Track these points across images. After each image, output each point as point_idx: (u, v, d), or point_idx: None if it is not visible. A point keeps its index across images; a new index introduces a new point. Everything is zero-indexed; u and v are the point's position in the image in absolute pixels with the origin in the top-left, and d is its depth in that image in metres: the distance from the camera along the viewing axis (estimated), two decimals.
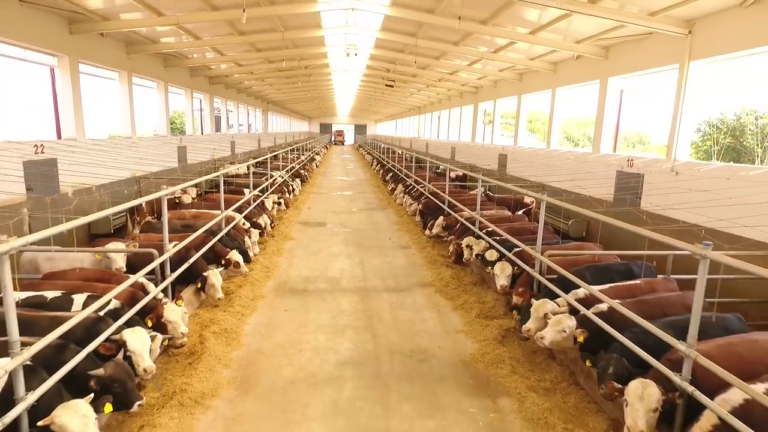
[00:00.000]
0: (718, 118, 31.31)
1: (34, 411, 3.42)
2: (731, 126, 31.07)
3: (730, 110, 31.35)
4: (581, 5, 9.38)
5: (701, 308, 3.84)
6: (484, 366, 5.76)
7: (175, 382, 5.05)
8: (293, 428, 4.46)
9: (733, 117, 30.90)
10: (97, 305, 4.37)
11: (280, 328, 6.75)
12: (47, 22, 11.11)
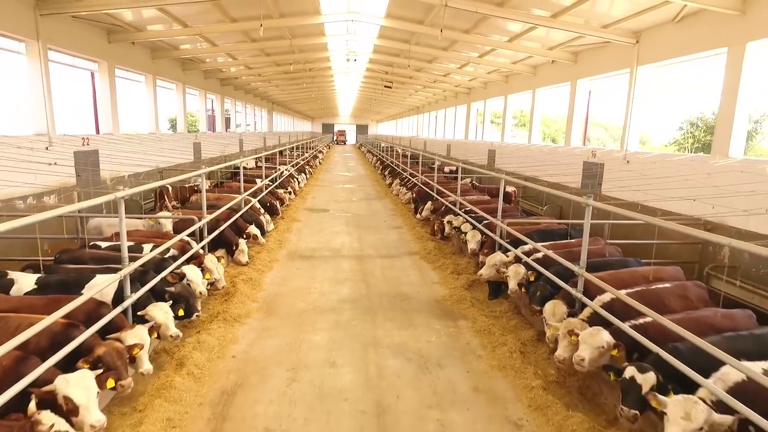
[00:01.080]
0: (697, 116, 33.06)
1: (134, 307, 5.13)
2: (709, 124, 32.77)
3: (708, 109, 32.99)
4: (543, 19, 11.03)
5: (587, 242, 5.54)
6: (450, 303, 7.44)
7: (217, 308, 6.74)
8: (306, 335, 6.14)
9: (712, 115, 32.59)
10: (162, 249, 6.09)
11: (293, 279, 8.45)
12: (91, 33, 12.83)
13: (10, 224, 3.21)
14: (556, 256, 6.06)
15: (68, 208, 4.33)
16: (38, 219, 3.59)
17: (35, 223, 3.53)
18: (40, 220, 3.59)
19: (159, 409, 4.22)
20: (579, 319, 5.04)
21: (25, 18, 9.89)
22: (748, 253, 6.68)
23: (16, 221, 3.31)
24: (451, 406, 4.59)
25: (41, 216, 3.64)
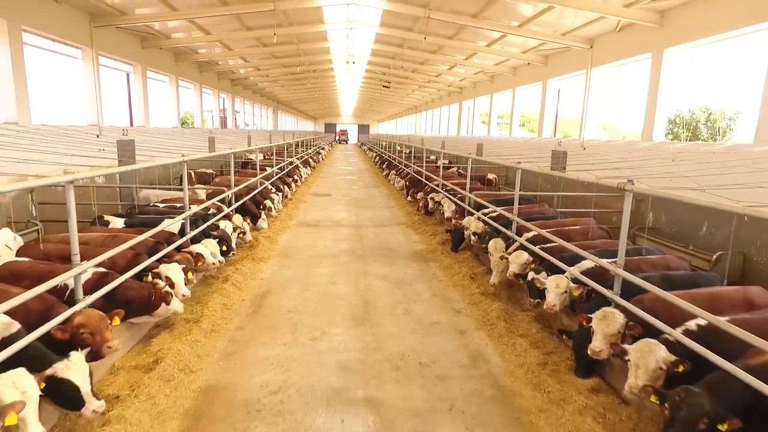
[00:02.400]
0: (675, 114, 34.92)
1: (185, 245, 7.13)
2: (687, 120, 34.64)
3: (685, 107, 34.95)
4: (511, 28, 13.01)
5: (518, 199, 7.52)
6: (425, 253, 9.42)
7: (246, 253, 8.73)
8: (314, 269, 8.12)
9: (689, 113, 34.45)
10: (202, 206, 8.11)
11: (302, 239, 10.45)
12: (129, 40, 14.90)
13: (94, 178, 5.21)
14: (501, 210, 8.05)
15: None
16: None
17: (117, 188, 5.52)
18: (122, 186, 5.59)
19: (216, 300, 6.20)
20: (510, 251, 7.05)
21: (83, 29, 11.92)
22: (665, 216, 8.67)
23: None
24: (414, 302, 6.57)
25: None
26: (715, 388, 3.21)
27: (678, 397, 3.13)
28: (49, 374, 3.26)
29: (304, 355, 4.90)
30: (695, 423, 2.99)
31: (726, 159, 10.51)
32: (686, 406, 3.07)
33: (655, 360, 3.62)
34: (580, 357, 4.55)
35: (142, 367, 4.45)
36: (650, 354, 3.66)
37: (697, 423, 2.99)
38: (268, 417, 3.82)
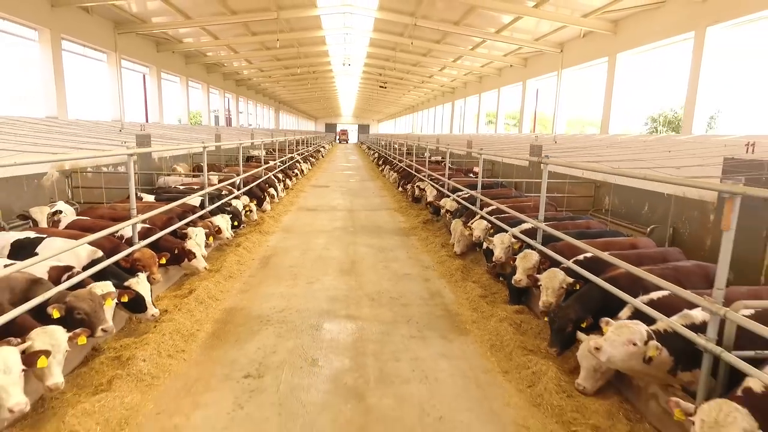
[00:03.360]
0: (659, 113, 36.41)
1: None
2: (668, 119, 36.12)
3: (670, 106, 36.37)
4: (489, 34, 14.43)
5: (482, 177, 8.95)
6: (408, 230, 10.84)
7: (253, 228, 10.15)
8: (311, 240, 9.53)
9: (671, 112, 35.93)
10: (216, 187, 9.56)
11: (302, 219, 11.88)
12: (147, 44, 16.34)
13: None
14: (470, 191, 9.48)
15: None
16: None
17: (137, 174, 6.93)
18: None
19: (231, 258, 7.60)
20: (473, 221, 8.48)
21: (108, 36, 13.36)
22: (617, 199, 10.10)
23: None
24: (392, 262, 8.00)
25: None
26: (580, 300, 4.64)
27: (554, 313, 4.57)
28: (126, 285, 4.70)
29: (302, 292, 6.33)
30: (564, 328, 4.42)
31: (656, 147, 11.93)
32: (558, 318, 4.51)
33: (558, 282, 5.06)
34: (510, 289, 5.98)
35: (180, 295, 5.88)
36: (555, 278, 5.09)
37: (565, 328, 4.41)
38: (275, 323, 5.25)
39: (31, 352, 3.17)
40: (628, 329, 3.54)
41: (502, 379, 4.20)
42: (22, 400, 2.92)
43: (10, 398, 2.87)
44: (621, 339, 3.48)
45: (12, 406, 2.87)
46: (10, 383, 2.90)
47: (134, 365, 4.01)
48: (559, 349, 4.40)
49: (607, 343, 3.46)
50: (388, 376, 4.16)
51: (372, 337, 4.97)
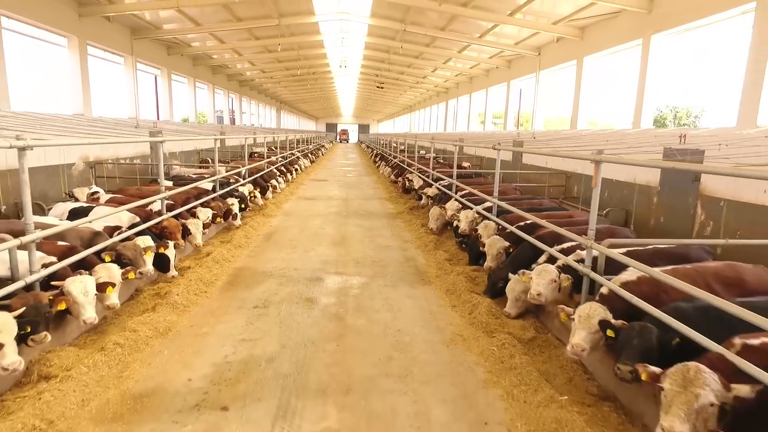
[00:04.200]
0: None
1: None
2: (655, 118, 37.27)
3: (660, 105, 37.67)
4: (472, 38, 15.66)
5: (456, 164, 10.19)
6: (395, 214, 12.08)
7: (257, 212, 11.41)
8: (308, 222, 10.78)
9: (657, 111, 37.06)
10: (224, 175, 10.81)
11: (301, 206, 13.12)
12: (159, 48, 17.61)
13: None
14: (449, 180, 10.73)
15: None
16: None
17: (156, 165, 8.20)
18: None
19: (239, 233, 8.82)
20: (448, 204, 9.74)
21: (126, 41, 14.63)
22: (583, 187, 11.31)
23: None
24: (377, 237, 9.23)
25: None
26: (512, 262, 5.85)
27: (492, 272, 5.81)
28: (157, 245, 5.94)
29: (299, 257, 7.57)
30: (496, 283, 5.62)
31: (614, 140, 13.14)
32: (494, 275, 5.73)
33: (496, 249, 6.29)
34: (470, 253, 7.22)
35: (198, 258, 7.12)
36: (498, 241, 6.35)
37: (497, 283, 5.61)
38: (277, 277, 6.49)
39: (100, 282, 4.42)
40: (546, 271, 4.77)
41: (450, 310, 5.44)
42: (93, 316, 4.08)
43: (86, 313, 4.05)
44: (545, 280, 4.68)
45: (86, 319, 4.05)
46: (87, 302, 4.10)
47: (170, 298, 5.26)
48: (491, 297, 5.62)
49: (540, 286, 4.64)
50: (363, 308, 5.41)
51: (354, 286, 6.22)
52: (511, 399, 3.57)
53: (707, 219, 6.81)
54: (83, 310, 4.13)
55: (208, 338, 4.52)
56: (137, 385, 3.64)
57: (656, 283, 3.73)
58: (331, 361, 4.12)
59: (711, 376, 2.61)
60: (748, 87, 9.57)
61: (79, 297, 4.04)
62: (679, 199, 7.37)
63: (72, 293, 4.00)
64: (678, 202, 7.37)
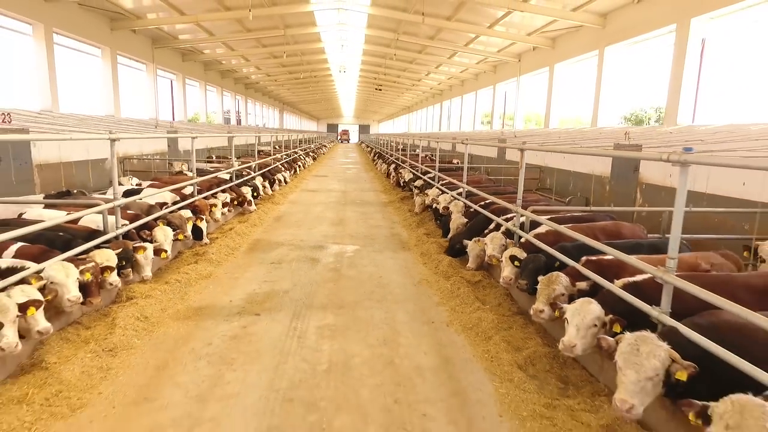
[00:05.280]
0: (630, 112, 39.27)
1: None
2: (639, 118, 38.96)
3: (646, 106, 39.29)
4: (459, 46, 17.24)
5: (444, 158, 11.78)
6: (387, 203, 13.65)
7: (266, 200, 12.99)
8: (311, 208, 12.36)
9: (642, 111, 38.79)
10: (238, 168, 12.40)
11: (304, 196, 14.70)
12: (175, 55, 19.22)
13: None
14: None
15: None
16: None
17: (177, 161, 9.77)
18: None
19: (253, 216, 10.39)
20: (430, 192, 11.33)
21: (148, 50, 16.24)
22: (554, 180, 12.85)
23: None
24: (370, 219, 10.80)
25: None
26: (469, 231, 7.40)
27: (452, 238, 7.38)
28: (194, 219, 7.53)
29: (305, 233, 9.14)
30: (454, 246, 7.17)
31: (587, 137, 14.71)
32: (453, 240, 7.28)
33: (456, 224, 7.87)
34: (443, 228, 8.79)
35: (223, 232, 8.70)
36: (459, 218, 7.93)
37: (455, 246, 7.17)
38: (288, 245, 8.07)
39: (158, 248, 5.97)
40: (496, 237, 6.31)
41: (421, 266, 7.01)
42: (150, 274, 5.58)
43: (145, 272, 5.56)
44: (497, 245, 6.23)
45: (144, 276, 5.54)
46: (146, 264, 5.66)
47: (207, 256, 6.84)
48: (451, 255, 7.18)
49: (494, 251, 6.15)
50: (355, 264, 6.99)
51: (348, 251, 7.79)
52: (453, 311, 5.15)
53: (644, 201, 8.42)
54: (143, 269, 5.64)
55: (239, 280, 6.10)
56: (196, 303, 5.22)
57: (558, 233, 5.30)
58: (329, 293, 5.70)
59: (564, 278, 4.20)
60: (672, 93, 11.21)
61: (166, 242, 5.73)
62: (623, 186, 8.97)
63: (158, 239, 5.65)
64: (623, 189, 8.96)
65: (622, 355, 2.94)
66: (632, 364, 2.86)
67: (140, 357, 3.94)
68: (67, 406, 3.16)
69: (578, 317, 3.56)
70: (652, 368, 2.79)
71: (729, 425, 2.23)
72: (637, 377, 2.80)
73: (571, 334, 3.52)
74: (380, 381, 3.63)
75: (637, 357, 2.87)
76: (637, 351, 2.89)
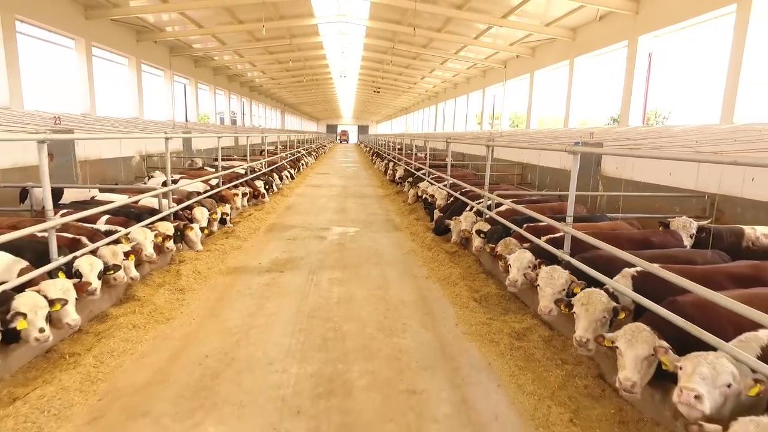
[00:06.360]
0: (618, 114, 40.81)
1: None
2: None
3: None
4: (450, 54, 18.69)
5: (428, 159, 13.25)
6: (383, 195, 15.10)
7: (276, 194, 14.43)
8: (316, 200, 13.79)
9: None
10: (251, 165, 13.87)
11: (309, 191, 16.15)
12: (188, 62, 20.66)
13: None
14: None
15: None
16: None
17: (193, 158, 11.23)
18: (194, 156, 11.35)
19: (267, 206, 11.85)
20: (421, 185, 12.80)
21: (166, 58, 17.68)
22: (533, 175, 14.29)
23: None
24: (368, 208, 12.26)
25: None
26: (451, 213, 8.89)
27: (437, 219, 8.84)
28: (220, 207, 8.99)
29: (312, 218, 10.59)
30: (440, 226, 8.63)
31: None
32: (438, 221, 8.74)
33: (442, 196, 9.34)
34: (430, 213, 10.25)
35: (243, 217, 10.15)
36: (440, 194, 9.40)
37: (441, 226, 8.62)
38: (299, 227, 9.52)
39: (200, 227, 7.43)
40: (469, 216, 7.78)
41: (410, 242, 8.47)
42: (201, 248, 7.12)
43: (197, 246, 7.10)
44: (468, 222, 7.65)
45: (197, 250, 7.12)
46: (197, 240, 7.16)
47: (235, 234, 8.29)
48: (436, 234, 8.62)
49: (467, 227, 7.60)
50: (356, 240, 8.44)
51: (350, 232, 9.25)
52: (431, 270, 6.60)
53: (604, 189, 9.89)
54: (194, 244, 7.11)
55: (263, 251, 7.56)
56: (233, 264, 6.68)
57: (514, 210, 6.76)
58: (335, 258, 7.16)
59: (514, 241, 5.66)
60: (624, 99, 12.79)
61: (203, 220, 7.15)
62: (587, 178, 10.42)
63: (197, 217, 7.11)
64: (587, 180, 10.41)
65: (542, 279, 4.39)
66: (548, 284, 4.32)
67: (202, 294, 5.40)
68: (163, 317, 4.62)
69: (518, 262, 5.02)
70: (560, 285, 4.25)
71: (583, 303, 3.69)
72: (552, 291, 4.25)
73: (513, 273, 4.97)
74: (375, 308, 5.10)
75: (551, 279, 4.33)
76: (551, 277, 4.35)
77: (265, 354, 3.96)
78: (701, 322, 2.94)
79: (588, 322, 3.62)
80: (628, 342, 3.15)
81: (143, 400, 3.23)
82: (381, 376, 3.63)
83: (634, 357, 3.08)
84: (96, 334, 4.19)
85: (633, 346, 3.12)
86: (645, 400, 3.12)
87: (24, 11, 12.39)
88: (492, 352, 4.10)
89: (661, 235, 5.16)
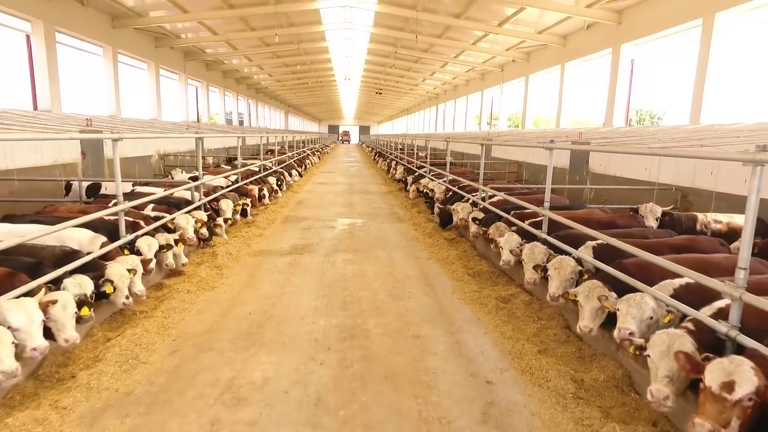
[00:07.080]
0: None
1: None
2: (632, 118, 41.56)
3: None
4: (449, 58, 19.56)
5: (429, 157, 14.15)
6: (386, 191, 15.97)
7: (287, 191, 15.32)
8: (325, 196, 14.67)
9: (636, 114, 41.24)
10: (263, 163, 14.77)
11: (317, 188, 17.02)
12: (200, 66, 21.56)
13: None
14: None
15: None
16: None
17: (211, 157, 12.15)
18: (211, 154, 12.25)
19: (280, 201, 12.74)
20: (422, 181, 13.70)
21: (180, 62, 18.60)
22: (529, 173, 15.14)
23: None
24: (373, 203, 13.14)
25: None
26: (451, 202, 9.78)
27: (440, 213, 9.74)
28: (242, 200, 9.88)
29: (323, 211, 11.47)
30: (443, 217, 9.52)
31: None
32: (442, 215, 9.64)
33: (441, 191, 10.23)
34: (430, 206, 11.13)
35: (259, 210, 11.04)
36: (439, 188, 10.29)
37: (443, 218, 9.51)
38: (311, 219, 10.40)
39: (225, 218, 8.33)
40: (466, 206, 8.67)
41: (412, 231, 9.35)
42: (226, 236, 8.08)
43: (222, 234, 8.06)
44: (465, 211, 8.55)
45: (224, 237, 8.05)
46: (230, 211, 8.09)
47: (255, 224, 9.18)
48: (441, 226, 9.52)
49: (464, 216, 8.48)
50: (364, 229, 9.32)
51: (358, 223, 10.14)
52: (432, 253, 7.48)
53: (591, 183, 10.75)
54: (230, 214, 8.01)
55: (282, 238, 8.45)
56: (258, 248, 7.56)
57: (506, 200, 7.64)
58: (347, 244, 8.04)
59: (503, 225, 6.55)
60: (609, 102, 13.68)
61: (228, 211, 8.05)
62: (578, 173, 11.29)
63: (223, 208, 7.99)
64: (577, 176, 11.28)
65: (525, 254, 5.26)
66: (531, 259, 5.20)
67: (237, 271, 6.29)
68: (208, 286, 5.51)
69: (508, 244, 5.89)
70: (540, 258, 5.14)
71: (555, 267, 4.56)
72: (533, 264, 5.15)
73: (506, 254, 5.84)
74: (384, 281, 5.98)
75: (532, 255, 5.21)
76: (532, 252, 5.23)
77: (297, 312, 4.84)
78: (640, 278, 3.82)
79: (559, 281, 4.50)
80: (585, 296, 4.02)
81: (207, 341, 4.12)
82: (391, 326, 4.52)
83: (590, 309, 3.95)
84: (156, 298, 5.08)
85: (589, 300, 3.99)
86: (597, 339, 3.99)
87: (63, 23, 13.36)
88: (481, 311, 4.97)
89: (625, 219, 6.04)
